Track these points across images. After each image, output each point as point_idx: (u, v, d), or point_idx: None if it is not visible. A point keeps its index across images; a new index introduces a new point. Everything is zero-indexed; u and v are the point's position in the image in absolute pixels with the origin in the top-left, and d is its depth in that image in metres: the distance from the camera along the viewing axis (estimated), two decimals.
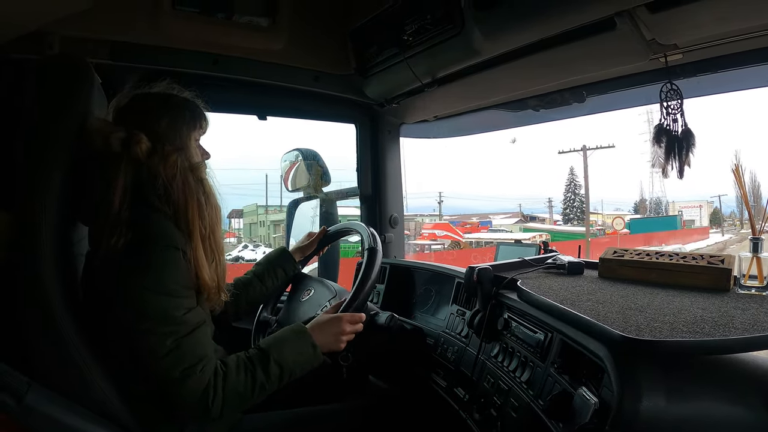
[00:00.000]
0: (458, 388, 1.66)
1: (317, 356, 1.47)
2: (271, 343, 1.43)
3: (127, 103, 1.42)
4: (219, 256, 1.40)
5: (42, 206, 1.25)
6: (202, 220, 1.34)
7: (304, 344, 1.46)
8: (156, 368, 1.24)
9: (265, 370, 1.37)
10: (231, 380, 1.31)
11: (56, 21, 1.70)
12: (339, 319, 1.55)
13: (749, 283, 1.34)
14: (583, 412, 1.02)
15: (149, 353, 1.23)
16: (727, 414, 0.98)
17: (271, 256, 1.96)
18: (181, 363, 1.24)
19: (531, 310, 1.40)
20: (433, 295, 2.20)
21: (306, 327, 1.50)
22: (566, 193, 55.74)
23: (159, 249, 1.26)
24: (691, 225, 48.96)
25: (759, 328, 1.02)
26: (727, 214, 56.97)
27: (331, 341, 1.52)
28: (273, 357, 1.39)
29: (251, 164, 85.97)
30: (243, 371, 1.34)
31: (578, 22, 1.54)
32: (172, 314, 1.25)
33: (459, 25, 1.79)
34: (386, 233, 2.69)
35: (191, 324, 1.28)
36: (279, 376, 1.39)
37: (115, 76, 1.84)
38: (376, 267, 1.72)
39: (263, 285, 1.86)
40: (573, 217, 53.53)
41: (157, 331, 1.23)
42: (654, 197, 59.41)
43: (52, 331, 1.22)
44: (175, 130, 1.39)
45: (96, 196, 1.28)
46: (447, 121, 2.75)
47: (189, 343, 1.26)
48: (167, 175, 1.32)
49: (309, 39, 2.29)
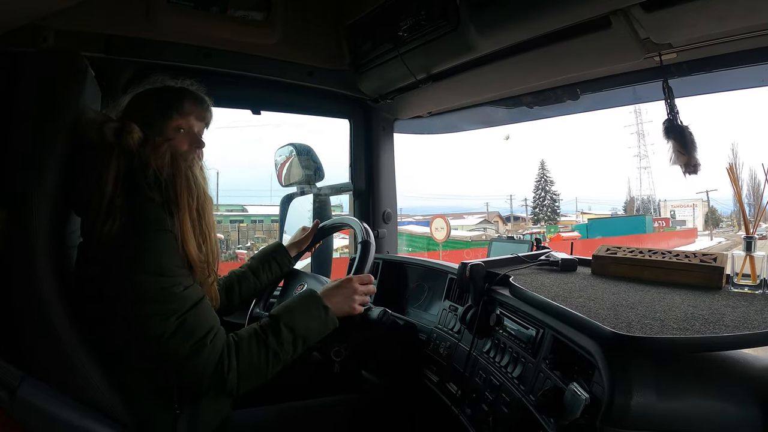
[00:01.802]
0: (450, 384, 1.67)
1: (331, 319, 1.46)
2: (281, 310, 1.43)
3: (120, 95, 1.44)
4: (210, 235, 1.39)
5: (36, 200, 1.25)
6: (191, 195, 1.33)
7: (315, 307, 1.45)
8: (166, 350, 1.24)
9: (276, 336, 1.36)
10: (244, 350, 1.31)
11: (51, 14, 1.69)
12: (349, 280, 1.55)
13: (742, 281, 1.34)
14: (574, 407, 1.03)
15: (156, 337, 1.23)
16: (717, 410, 0.99)
17: (266, 250, 1.96)
18: (190, 338, 1.25)
19: (523, 306, 1.41)
20: (426, 290, 2.21)
21: (316, 292, 1.49)
22: (536, 190, 53.15)
23: (152, 233, 1.26)
24: (682, 226, 46.76)
25: (748, 326, 1.03)
26: (727, 214, 54.72)
27: (344, 302, 1.52)
28: (284, 322, 1.38)
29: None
30: (255, 340, 1.34)
31: (573, 20, 1.55)
32: (171, 292, 1.25)
33: (454, 21, 1.79)
34: (379, 228, 2.70)
35: (192, 299, 1.28)
36: (292, 342, 1.38)
37: (109, 70, 1.83)
38: (370, 260, 1.73)
39: (257, 279, 1.86)
40: (543, 217, 51.33)
41: (159, 311, 1.23)
42: (645, 196, 58.11)
43: (45, 325, 1.22)
44: (149, 122, 1.38)
45: (90, 185, 1.28)
46: (441, 117, 2.76)
47: (193, 317, 1.26)
48: (157, 163, 1.32)
49: (303, 34, 2.28)
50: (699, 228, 47.29)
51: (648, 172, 59.18)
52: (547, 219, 50.69)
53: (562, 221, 48.28)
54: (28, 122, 1.31)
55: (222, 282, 1.77)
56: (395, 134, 2.83)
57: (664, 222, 45.96)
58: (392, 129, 2.80)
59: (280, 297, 2.00)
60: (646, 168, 58.55)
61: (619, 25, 1.51)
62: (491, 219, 49.71)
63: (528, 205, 52.85)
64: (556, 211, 52.42)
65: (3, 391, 1.08)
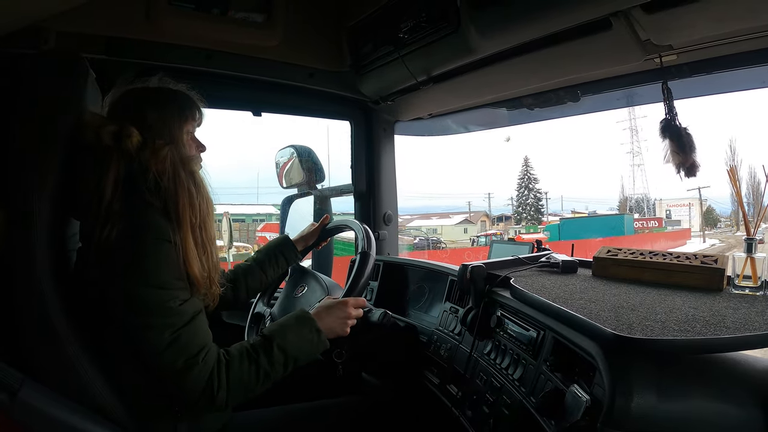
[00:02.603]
0: (451, 386, 1.67)
1: (322, 342, 1.46)
2: (274, 330, 1.42)
3: (119, 97, 1.41)
4: (211, 248, 1.38)
5: (37, 202, 1.25)
6: (193, 212, 1.33)
7: (308, 330, 1.44)
8: (158, 363, 1.24)
9: (268, 356, 1.35)
10: (234, 368, 1.30)
11: (52, 16, 1.70)
12: (344, 303, 1.54)
13: (743, 283, 1.34)
14: (575, 409, 1.03)
15: (149, 348, 1.23)
16: (718, 412, 0.99)
17: (273, 244, 1.95)
18: (182, 354, 1.24)
19: (524, 308, 1.41)
20: (427, 292, 2.21)
21: (310, 313, 1.49)
22: (519, 189, 51.52)
23: (150, 242, 1.25)
24: (675, 226, 44.90)
25: (750, 328, 1.03)
26: (727, 213, 52.74)
27: (337, 326, 1.51)
28: (276, 343, 1.37)
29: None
30: (246, 359, 1.33)
31: (574, 21, 1.55)
32: (167, 306, 1.24)
33: (455, 23, 1.79)
34: (380, 230, 2.70)
35: (188, 314, 1.27)
36: (283, 363, 1.38)
37: (110, 72, 1.82)
38: (368, 271, 1.72)
39: (264, 273, 1.86)
40: (526, 216, 49.87)
41: (153, 324, 1.22)
42: (640, 195, 56.77)
43: (46, 327, 1.22)
44: (165, 123, 1.38)
45: (88, 189, 1.28)
46: (442, 119, 2.76)
47: (187, 333, 1.26)
48: (158, 168, 1.31)
49: (304, 35, 2.29)
50: (695, 228, 45.90)
51: (642, 170, 58.02)
52: (530, 218, 49.46)
53: (550, 221, 46.51)
54: (30, 124, 1.31)
55: (228, 276, 1.77)
56: (396, 136, 2.83)
57: (657, 222, 44.40)
58: (393, 131, 2.80)
59: (282, 296, 2.01)
60: (639, 165, 57.48)
61: (619, 27, 1.52)
62: (476, 219, 48.79)
63: (513, 204, 51.59)
64: (540, 210, 51.31)
65: (4, 394, 1.08)
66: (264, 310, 1.95)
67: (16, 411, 1.09)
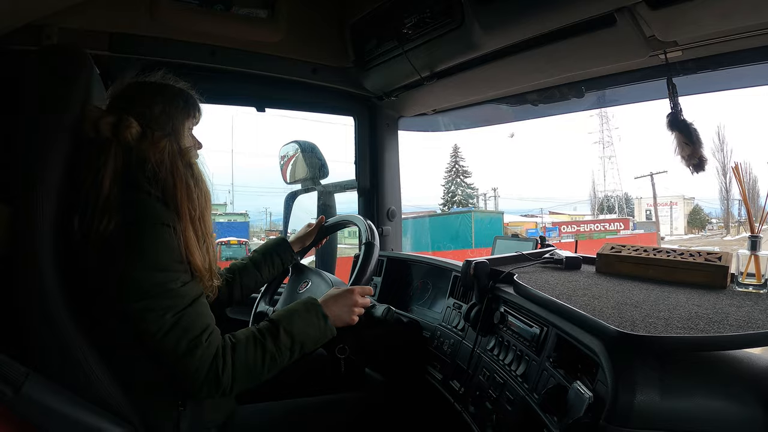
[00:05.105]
0: (454, 381, 1.67)
1: (329, 328, 1.46)
2: (281, 314, 1.42)
3: (122, 90, 1.42)
4: (208, 239, 1.39)
5: (41, 197, 1.25)
6: (191, 203, 1.33)
7: (315, 316, 1.44)
8: (161, 347, 1.24)
9: (275, 340, 1.36)
10: (240, 351, 1.31)
11: (55, 13, 1.70)
12: (351, 291, 1.54)
13: (747, 280, 1.34)
14: (578, 406, 1.03)
15: (152, 332, 1.23)
16: (720, 409, 0.98)
17: (270, 244, 1.96)
18: (185, 336, 1.24)
19: (527, 304, 1.41)
20: (430, 288, 2.21)
21: (317, 299, 1.49)
22: (446, 183, 44.47)
23: (149, 227, 1.25)
24: (648, 229, 35.77)
25: (753, 326, 1.03)
26: (717, 214, 45.99)
27: (344, 313, 1.51)
28: (283, 326, 1.38)
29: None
30: (252, 342, 1.34)
31: (578, 17, 1.55)
32: (168, 288, 1.24)
33: (459, 18, 1.79)
34: (384, 226, 2.70)
35: (189, 296, 1.28)
36: (290, 347, 1.38)
37: (114, 67, 1.83)
38: (373, 261, 1.73)
39: (259, 273, 1.87)
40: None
41: (155, 306, 1.23)
42: (611, 192, 49.61)
43: (49, 321, 1.22)
44: (170, 116, 1.39)
45: (87, 181, 1.28)
46: (445, 115, 2.77)
47: (190, 315, 1.26)
48: (156, 159, 1.32)
49: (307, 31, 2.29)
50: (679, 231, 42.07)
51: (612, 162, 50.20)
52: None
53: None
54: (33, 120, 1.31)
55: (223, 274, 1.77)
56: (399, 131, 2.83)
57: (622, 224, 35.15)
58: (397, 126, 2.79)
59: (285, 293, 2.01)
60: (610, 157, 50.06)
61: (624, 23, 1.51)
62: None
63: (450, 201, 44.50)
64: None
65: (8, 388, 1.09)
66: (267, 309, 1.95)
67: (21, 405, 1.10)
